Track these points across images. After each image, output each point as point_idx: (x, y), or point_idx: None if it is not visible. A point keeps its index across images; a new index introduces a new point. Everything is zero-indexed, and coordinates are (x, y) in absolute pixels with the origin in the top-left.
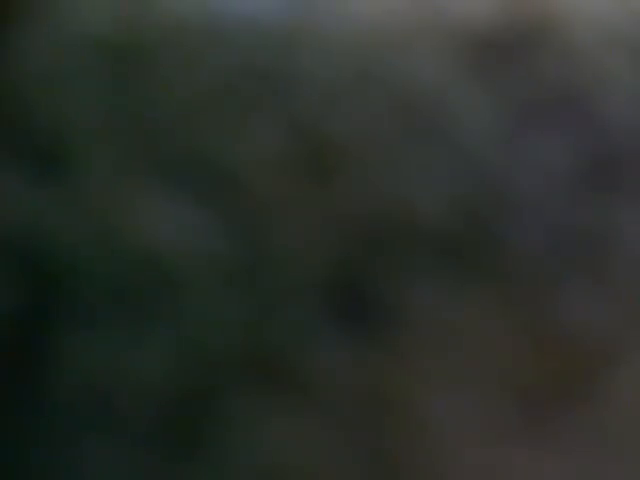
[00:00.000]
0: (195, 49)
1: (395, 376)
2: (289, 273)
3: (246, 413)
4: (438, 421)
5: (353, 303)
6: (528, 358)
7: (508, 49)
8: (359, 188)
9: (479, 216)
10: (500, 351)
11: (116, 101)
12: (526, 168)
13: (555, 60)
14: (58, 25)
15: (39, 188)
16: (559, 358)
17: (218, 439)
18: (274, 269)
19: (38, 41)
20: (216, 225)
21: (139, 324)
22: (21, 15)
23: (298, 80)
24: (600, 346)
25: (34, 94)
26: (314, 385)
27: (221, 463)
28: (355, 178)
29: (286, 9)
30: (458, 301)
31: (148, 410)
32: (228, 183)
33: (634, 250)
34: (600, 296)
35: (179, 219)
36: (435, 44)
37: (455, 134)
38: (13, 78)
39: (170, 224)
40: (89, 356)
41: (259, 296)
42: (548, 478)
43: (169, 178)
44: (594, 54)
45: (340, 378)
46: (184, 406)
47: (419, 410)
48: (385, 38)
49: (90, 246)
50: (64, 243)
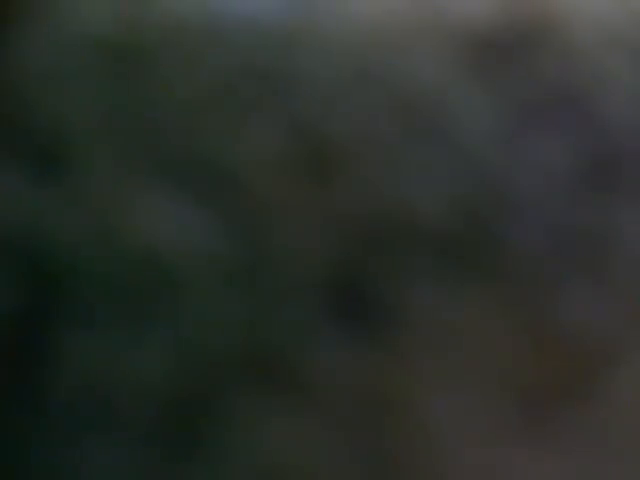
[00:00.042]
0: (195, 49)
1: (395, 376)
2: (289, 273)
3: (246, 413)
4: (438, 421)
5: (353, 303)
6: (528, 358)
7: (508, 49)
8: (359, 188)
9: (479, 216)
10: (500, 351)
11: (116, 101)
12: (526, 168)
13: (555, 60)
14: (58, 25)
15: (39, 188)
16: (559, 358)
17: (218, 439)
18: (274, 269)
19: (38, 41)
20: (216, 225)
21: (139, 324)
22: (21, 15)
23: (298, 80)
24: (600, 346)
25: (34, 94)
26: (314, 385)
27: (221, 463)
28: (355, 178)
29: (286, 9)
30: (458, 301)
31: (148, 410)
32: (228, 183)
33: (634, 250)
34: (600, 296)
35: (179, 219)
36: (435, 44)
37: (455, 134)
38: (13, 78)
39: (170, 224)
40: (89, 356)
41: (259, 296)
42: (548, 478)
43: (169, 178)
44: (594, 54)
45: (340, 378)
46: (184, 406)
47: (419, 410)
48: (385, 38)
49: (90, 246)
50: (64, 243)
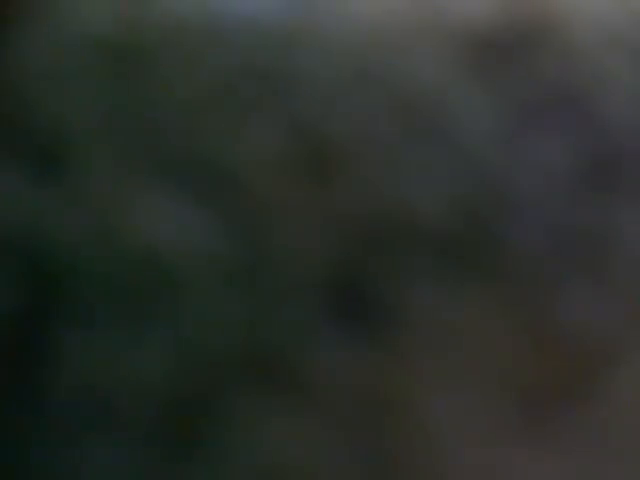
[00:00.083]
0: (195, 49)
1: (395, 376)
2: (289, 273)
3: (246, 413)
4: (438, 421)
5: (353, 303)
6: (528, 358)
7: (508, 49)
8: (359, 188)
9: (479, 216)
10: (500, 351)
11: (116, 101)
12: (526, 168)
13: (555, 60)
14: (58, 25)
15: (39, 188)
16: (559, 358)
17: (218, 439)
18: (274, 269)
19: (38, 41)
20: (216, 225)
21: (139, 324)
22: (21, 15)
23: (298, 80)
24: (600, 346)
25: (34, 94)
26: (314, 385)
27: (221, 463)
28: (355, 178)
29: (286, 9)
30: (458, 301)
31: (148, 410)
32: (228, 183)
33: (634, 250)
34: (600, 296)
35: (179, 219)
36: (435, 44)
37: (455, 134)
38: (13, 78)
39: (170, 224)
40: (89, 356)
41: (259, 296)
42: (548, 478)
43: (169, 178)
44: (594, 54)
45: (340, 378)
46: (184, 406)
47: (419, 410)
48: (385, 38)
49: (90, 246)
50: (64, 243)
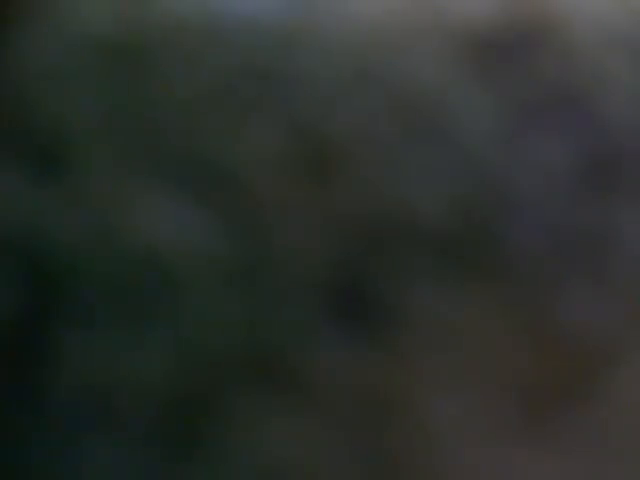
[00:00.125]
0: (195, 49)
1: (395, 376)
2: (289, 273)
3: (246, 413)
4: (438, 421)
5: (353, 303)
6: (528, 358)
7: (508, 49)
8: (359, 188)
9: (479, 216)
10: (500, 351)
11: (116, 101)
12: (526, 168)
13: (555, 60)
14: (58, 25)
15: (39, 188)
16: (559, 358)
17: (218, 439)
18: (274, 269)
19: (38, 41)
20: (216, 225)
21: (139, 324)
22: (21, 15)
23: (298, 80)
24: (600, 346)
25: (34, 94)
26: (314, 385)
27: (221, 463)
28: (355, 178)
29: (286, 9)
30: (458, 301)
31: (148, 410)
32: (228, 183)
33: (634, 250)
34: (600, 296)
35: (179, 219)
36: (435, 44)
37: (455, 134)
38: (13, 78)
39: (170, 224)
40: (89, 356)
41: (259, 296)
42: (548, 478)
43: (169, 178)
44: (594, 54)
45: (340, 378)
46: (184, 406)
47: (419, 410)
48: (385, 38)
49: (90, 246)
50: (64, 243)
